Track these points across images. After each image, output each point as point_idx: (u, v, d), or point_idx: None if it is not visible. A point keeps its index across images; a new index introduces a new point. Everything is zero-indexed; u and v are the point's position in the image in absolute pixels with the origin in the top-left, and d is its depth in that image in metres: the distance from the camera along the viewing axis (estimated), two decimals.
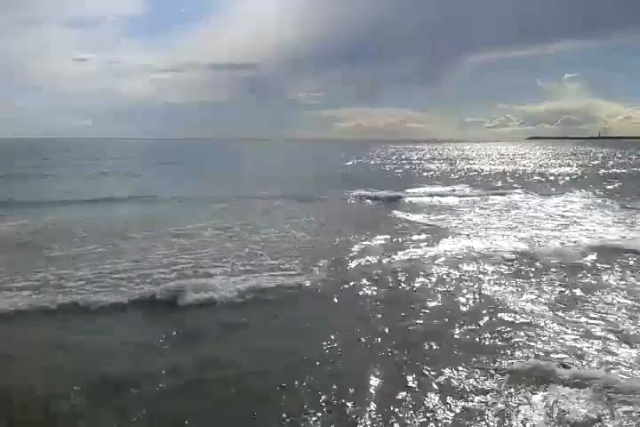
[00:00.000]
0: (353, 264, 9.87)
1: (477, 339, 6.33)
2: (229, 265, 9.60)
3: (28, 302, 7.41)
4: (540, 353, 5.88)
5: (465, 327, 6.68)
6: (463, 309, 7.43)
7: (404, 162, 58.23)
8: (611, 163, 53.11)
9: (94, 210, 17.21)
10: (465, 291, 8.16)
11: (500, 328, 6.66)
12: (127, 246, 11.28)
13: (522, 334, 6.45)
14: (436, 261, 9.99)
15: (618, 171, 39.74)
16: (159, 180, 30.25)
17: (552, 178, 32.92)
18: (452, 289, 8.30)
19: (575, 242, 11.72)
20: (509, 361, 5.67)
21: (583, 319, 6.91)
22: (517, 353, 5.90)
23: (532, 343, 6.15)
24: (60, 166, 39.40)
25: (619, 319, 6.90)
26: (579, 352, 5.88)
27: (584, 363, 5.62)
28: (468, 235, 12.75)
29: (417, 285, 8.57)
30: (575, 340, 6.25)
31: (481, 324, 6.82)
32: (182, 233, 12.76)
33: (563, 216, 15.90)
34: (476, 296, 7.91)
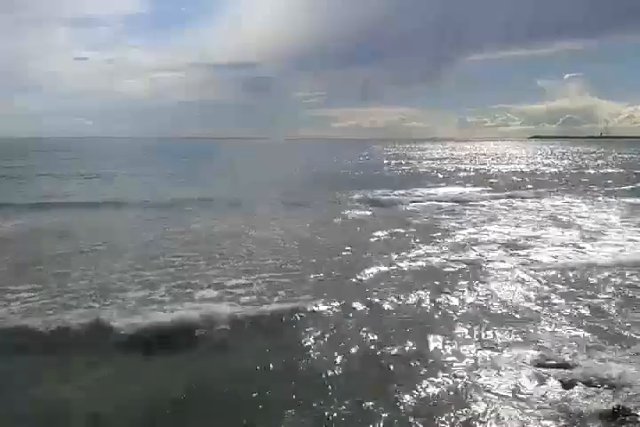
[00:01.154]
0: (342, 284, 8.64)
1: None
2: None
3: None
4: None
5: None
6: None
7: (407, 161, 57.92)
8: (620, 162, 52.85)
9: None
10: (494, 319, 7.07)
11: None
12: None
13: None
14: (455, 277, 9.07)
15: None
16: (136, 181, 28.60)
17: (566, 177, 32.66)
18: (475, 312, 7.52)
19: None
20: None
21: None
22: None
23: None
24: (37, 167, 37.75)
25: None
26: None
27: None
28: (481, 242, 12.01)
29: (429, 304, 7.81)
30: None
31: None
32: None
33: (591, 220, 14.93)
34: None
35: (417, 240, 12.20)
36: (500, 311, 7.39)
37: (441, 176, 35.26)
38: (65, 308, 7.30)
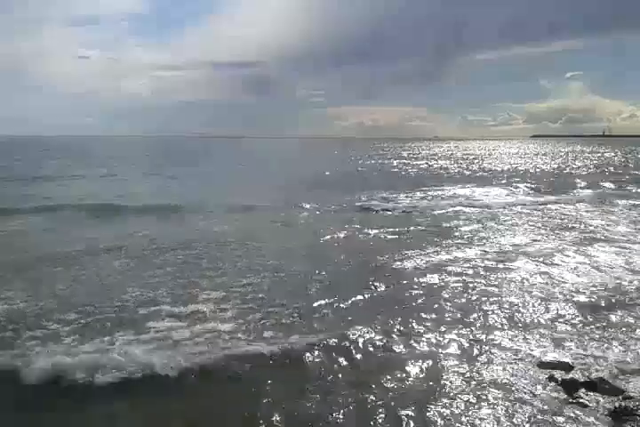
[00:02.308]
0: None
1: None
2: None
3: None
4: None
5: None
6: None
7: (415, 161, 57.51)
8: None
9: None
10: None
11: None
12: None
13: None
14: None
15: None
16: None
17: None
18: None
19: None
20: None
21: None
22: None
23: None
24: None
25: None
26: None
27: None
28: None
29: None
30: None
31: None
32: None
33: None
34: None
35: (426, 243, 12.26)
36: (503, 312, 7.41)
37: (457, 177, 34.16)
38: None
